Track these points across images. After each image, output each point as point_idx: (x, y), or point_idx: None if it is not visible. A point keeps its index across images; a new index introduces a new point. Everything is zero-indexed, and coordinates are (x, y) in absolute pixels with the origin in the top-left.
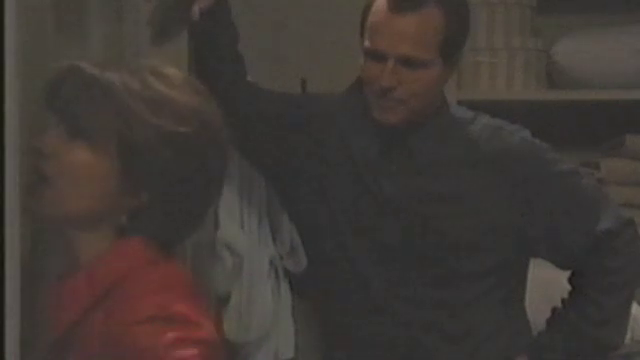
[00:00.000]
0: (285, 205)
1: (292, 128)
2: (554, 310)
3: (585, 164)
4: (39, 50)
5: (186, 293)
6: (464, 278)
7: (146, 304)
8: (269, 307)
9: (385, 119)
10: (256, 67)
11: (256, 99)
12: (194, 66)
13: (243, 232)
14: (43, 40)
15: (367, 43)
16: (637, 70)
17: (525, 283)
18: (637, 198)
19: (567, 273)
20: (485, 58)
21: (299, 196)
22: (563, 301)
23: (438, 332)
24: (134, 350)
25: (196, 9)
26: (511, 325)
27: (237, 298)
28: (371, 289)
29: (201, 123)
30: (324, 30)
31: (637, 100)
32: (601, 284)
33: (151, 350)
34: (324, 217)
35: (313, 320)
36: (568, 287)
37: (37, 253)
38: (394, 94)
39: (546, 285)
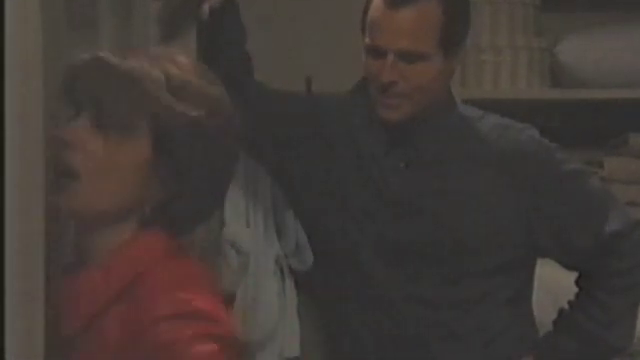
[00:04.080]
0: (292, 204)
1: (299, 128)
2: (561, 311)
3: (589, 163)
4: (52, 48)
5: (205, 289)
6: (470, 276)
7: (167, 300)
8: (274, 306)
9: (389, 115)
10: (261, 65)
11: (264, 99)
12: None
13: (249, 231)
14: (57, 38)
15: (367, 40)
16: None
17: (532, 283)
18: None
19: (574, 273)
20: (489, 57)
21: (306, 194)
22: (570, 302)
23: (444, 331)
24: (155, 346)
25: (206, 7)
26: (518, 325)
27: (242, 297)
28: (377, 287)
29: (216, 108)
30: (329, 28)
31: None
32: (608, 285)
33: (172, 346)
34: (332, 215)
35: (318, 319)
36: (574, 287)
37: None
38: (396, 89)
39: (552, 285)
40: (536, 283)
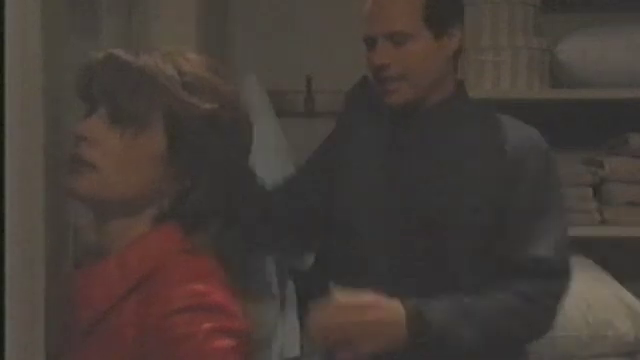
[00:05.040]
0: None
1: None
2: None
3: (589, 162)
4: (52, 48)
5: (221, 283)
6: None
7: (183, 293)
8: (275, 306)
9: (392, 100)
10: (261, 65)
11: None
12: None
13: None
14: (57, 38)
15: (363, 35)
16: None
17: None
18: None
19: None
20: (489, 57)
21: (311, 192)
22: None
23: None
24: (170, 339)
25: None
26: None
27: (243, 296)
28: (378, 275)
29: (229, 103)
30: (329, 28)
31: None
32: (500, 299)
33: (188, 339)
34: (336, 206)
35: None
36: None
37: (55, 238)
38: (389, 72)
39: None
40: None
